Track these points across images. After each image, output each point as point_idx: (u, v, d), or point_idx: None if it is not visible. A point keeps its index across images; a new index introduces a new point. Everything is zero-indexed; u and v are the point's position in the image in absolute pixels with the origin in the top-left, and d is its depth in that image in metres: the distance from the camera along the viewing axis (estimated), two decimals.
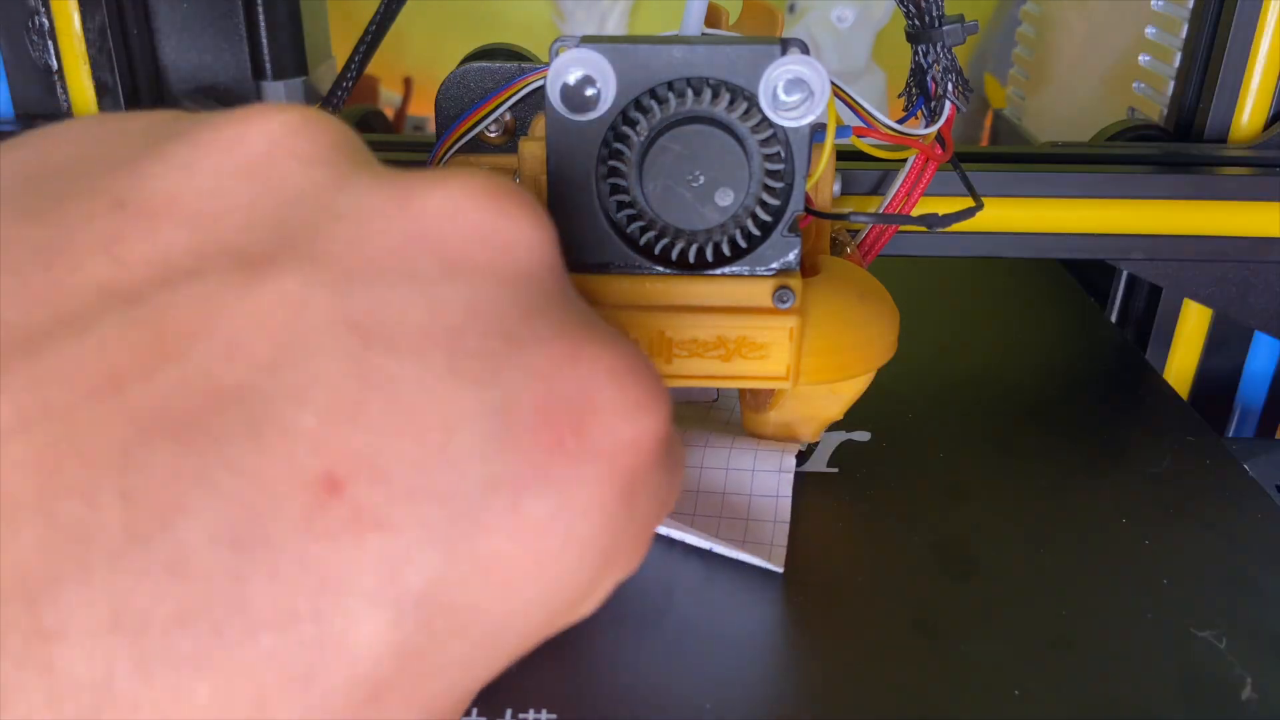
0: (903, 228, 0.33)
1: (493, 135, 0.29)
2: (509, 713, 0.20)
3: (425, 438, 0.12)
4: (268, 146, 0.14)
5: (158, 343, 0.12)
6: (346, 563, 0.11)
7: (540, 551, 0.13)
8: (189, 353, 0.12)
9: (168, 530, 0.11)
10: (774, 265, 0.24)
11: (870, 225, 0.30)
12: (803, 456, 0.29)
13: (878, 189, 0.33)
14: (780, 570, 0.24)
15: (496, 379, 0.13)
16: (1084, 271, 0.43)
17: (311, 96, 0.43)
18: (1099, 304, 0.41)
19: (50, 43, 0.37)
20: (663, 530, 0.25)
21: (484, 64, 0.29)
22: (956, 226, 0.27)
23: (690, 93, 0.22)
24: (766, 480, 0.27)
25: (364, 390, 0.12)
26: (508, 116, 0.29)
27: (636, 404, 0.14)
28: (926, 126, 0.28)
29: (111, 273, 0.12)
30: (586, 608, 0.14)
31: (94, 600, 0.10)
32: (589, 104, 0.22)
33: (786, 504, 0.26)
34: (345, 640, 0.11)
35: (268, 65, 0.41)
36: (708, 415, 0.31)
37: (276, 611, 0.11)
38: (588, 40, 0.22)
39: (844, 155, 0.32)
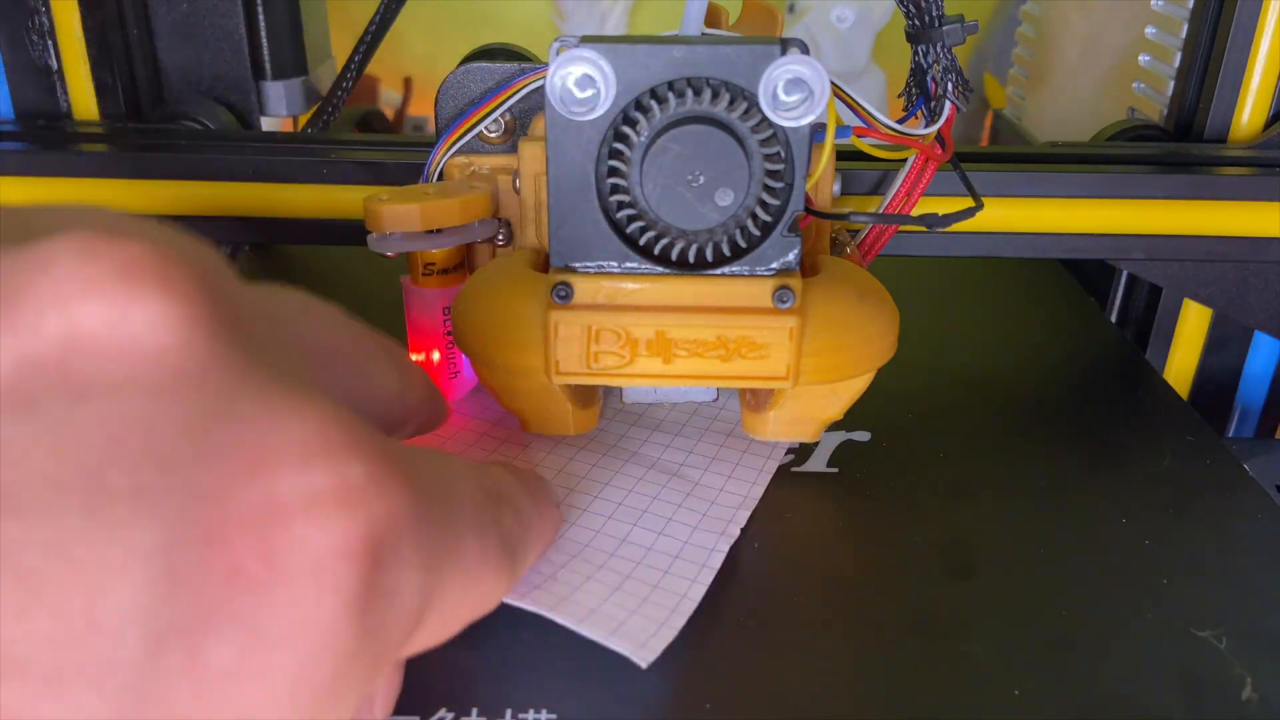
0: (903, 228, 0.33)
1: (493, 135, 0.29)
2: (509, 713, 0.20)
3: (64, 609, 0.10)
4: None
5: None
6: None
7: (237, 701, 0.11)
8: None
9: None
10: (774, 265, 0.24)
11: (870, 225, 0.30)
12: (802, 456, 0.29)
13: (878, 189, 0.33)
14: (643, 665, 0.20)
15: (153, 515, 0.10)
16: (1084, 271, 0.43)
17: (311, 96, 0.43)
18: (1099, 304, 0.41)
19: (50, 43, 0.37)
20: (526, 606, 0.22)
21: (484, 64, 0.29)
22: (956, 226, 0.27)
23: (690, 93, 0.22)
24: (689, 561, 0.24)
25: None
26: (508, 116, 0.29)
27: (339, 493, 0.11)
28: (926, 126, 0.28)
29: None
30: (344, 712, 0.12)
31: None
32: (589, 104, 0.22)
33: (692, 603, 0.23)
34: None
35: (268, 65, 0.41)
36: (708, 426, 0.31)
37: None
38: (588, 40, 0.22)
39: (844, 155, 0.32)
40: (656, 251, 0.24)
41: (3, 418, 0.10)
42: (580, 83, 0.22)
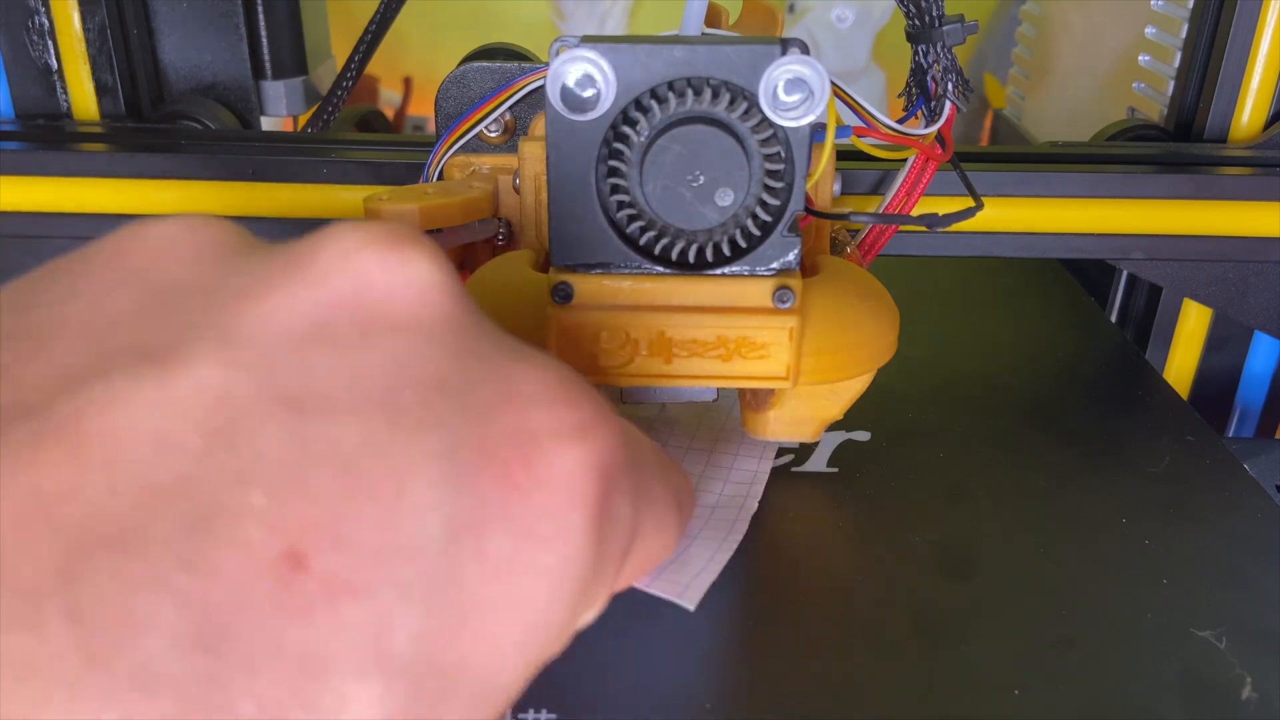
0: (903, 228, 0.33)
1: (493, 135, 0.29)
2: (509, 712, 0.20)
3: (379, 494, 0.12)
4: (145, 255, 0.14)
5: (77, 452, 0.11)
6: (326, 638, 0.11)
7: (513, 592, 0.13)
8: (114, 456, 0.11)
9: (127, 645, 0.10)
10: (774, 265, 0.24)
11: (870, 225, 0.30)
12: (802, 456, 0.29)
13: (878, 189, 0.33)
14: (690, 608, 0.23)
15: (438, 426, 0.12)
16: (1084, 271, 0.43)
17: (311, 96, 0.43)
18: (1099, 304, 0.41)
19: (50, 43, 0.37)
20: None
21: (484, 64, 0.29)
22: (956, 226, 0.27)
23: (690, 93, 0.22)
24: (725, 511, 0.26)
25: (308, 460, 0.12)
26: (508, 116, 0.29)
27: (576, 428, 0.14)
28: (926, 126, 0.28)
29: (10, 397, 0.11)
30: (559, 645, 0.14)
31: None
32: (589, 104, 0.22)
33: (735, 539, 0.25)
34: None
35: (267, 65, 0.41)
36: (704, 414, 0.31)
37: (261, 707, 0.11)
38: (588, 40, 0.22)
39: (844, 155, 0.32)
40: (656, 251, 0.24)
41: (314, 351, 0.12)
42: (580, 83, 0.22)
